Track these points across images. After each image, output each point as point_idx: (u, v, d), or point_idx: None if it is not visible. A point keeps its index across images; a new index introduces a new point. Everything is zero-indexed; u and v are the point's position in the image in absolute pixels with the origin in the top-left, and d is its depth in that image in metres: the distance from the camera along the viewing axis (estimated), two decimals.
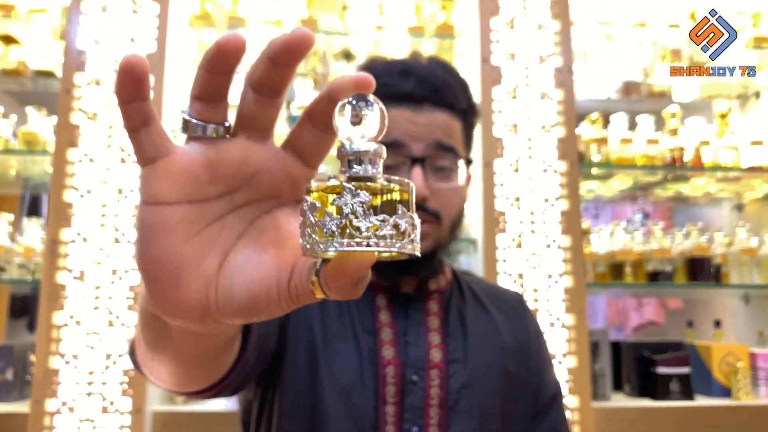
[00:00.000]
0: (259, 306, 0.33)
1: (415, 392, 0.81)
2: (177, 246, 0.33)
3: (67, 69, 1.82)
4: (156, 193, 0.32)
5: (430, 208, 0.82)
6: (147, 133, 0.32)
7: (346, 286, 0.30)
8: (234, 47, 0.32)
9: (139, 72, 0.31)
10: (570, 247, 1.86)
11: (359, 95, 0.31)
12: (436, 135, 0.82)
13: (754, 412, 1.86)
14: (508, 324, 0.92)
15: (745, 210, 2.62)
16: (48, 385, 1.66)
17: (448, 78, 0.85)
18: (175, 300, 0.33)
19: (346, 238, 0.28)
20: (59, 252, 1.72)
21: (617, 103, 2.58)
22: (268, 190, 0.36)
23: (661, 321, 3.46)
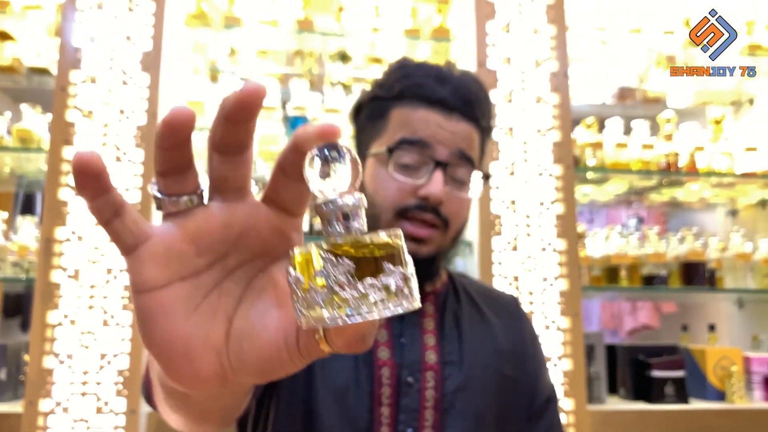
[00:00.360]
0: (272, 368, 0.33)
1: (410, 394, 0.81)
2: (180, 325, 0.32)
3: (63, 66, 1.82)
4: (145, 280, 0.32)
5: (443, 213, 0.82)
6: (121, 222, 0.31)
7: (351, 344, 0.30)
8: (182, 122, 0.30)
9: (95, 168, 0.30)
10: (565, 251, 1.86)
11: (329, 144, 0.30)
12: (461, 145, 0.83)
13: (749, 416, 1.87)
14: (503, 327, 0.92)
15: (739, 215, 2.64)
16: (42, 385, 1.65)
17: (480, 93, 0.86)
18: (191, 375, 0.33)
19: (335, 311, 0.27)
20: (54, 251, 1.71)
21: (612, 108, 2.59)
22: (257, 248, 0.35)
23: (655, 325, 3.46)
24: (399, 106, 0.84)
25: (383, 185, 0.82)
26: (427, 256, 0.83)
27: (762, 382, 2.00)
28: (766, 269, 2.18)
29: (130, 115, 1.81)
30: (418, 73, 0.84)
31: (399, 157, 0.82)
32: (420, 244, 0.81)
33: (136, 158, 1.79)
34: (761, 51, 2.30)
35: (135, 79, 1.83)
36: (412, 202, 0.81)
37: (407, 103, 0.83)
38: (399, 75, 0.85)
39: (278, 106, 2.13)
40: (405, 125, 0.82)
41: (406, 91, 0.83)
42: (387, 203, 0.82)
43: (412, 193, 0.81)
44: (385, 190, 0.82)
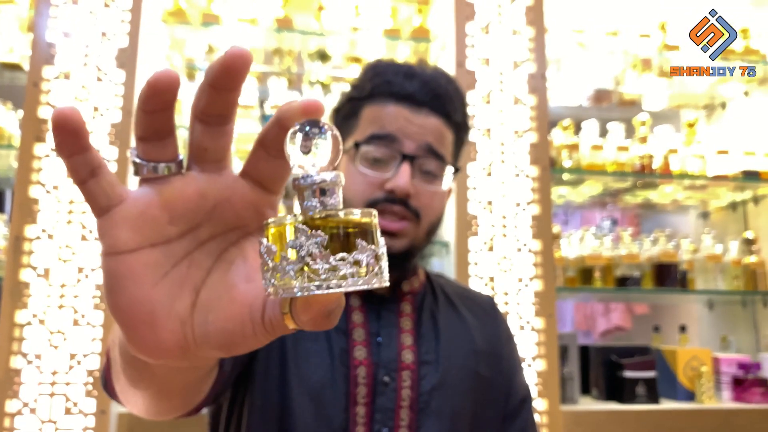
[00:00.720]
0: (235, 342, 0.33)
1: (386, 393, 0.81)
2: (146, 291, 0.32)
3: (35, 62, 1.78)
4: (115, 242, 0.32)
5: (412, 206, 0.82)
6: (96, 183, 0.31)
7: (318, 319, 0.30)
8: (166, 84, 0.31)
9: (73, 124, 0.29)
10: (540, 251, 1.88)
11: (311, 121, 0.30)
12: (429, 138, 0.83)
13: (717, 416, 1.90)
14: (479, 327, 0.92)
15: (711, 217, 2.68)
16: (9, 386, 1.62)
17: (449, 89, 0.87)
18: (153, 343, 0.32)
19: (306, 282, 0.28)
20: (23, 249, 1.68)
21: (588, 110, 2.62)
22: (231, 221, 0.35)
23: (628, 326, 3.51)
24: (370, 104, 0.85)
25: (352, 180, 0.84)
26: (402, 250, 0.83)
27: (730, 383, 2.04)
28: (735, 271, 2.22)
29: (105, 112, 1.78)
30: (388, 71, 0.86)
31: (367, 152, 0.83)
32: (393, 238, 0.82)
33: (110, 156, 1.76)
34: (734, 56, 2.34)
35: (110, 76, 1.80)
36: (380, 195, 0.82)
37: (377, 100, 0.85)
38: (371, 74, 0.87)
39: (256, 104, 2.11)
40: (374, 121, 0.84)
41: (376, 89, 0.85)
42: (356, 198, 0.83)
43: (380, 186, 0.82)
44: (354, 185, 0.83)
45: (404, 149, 0.82)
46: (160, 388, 0.46)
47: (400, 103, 0.84)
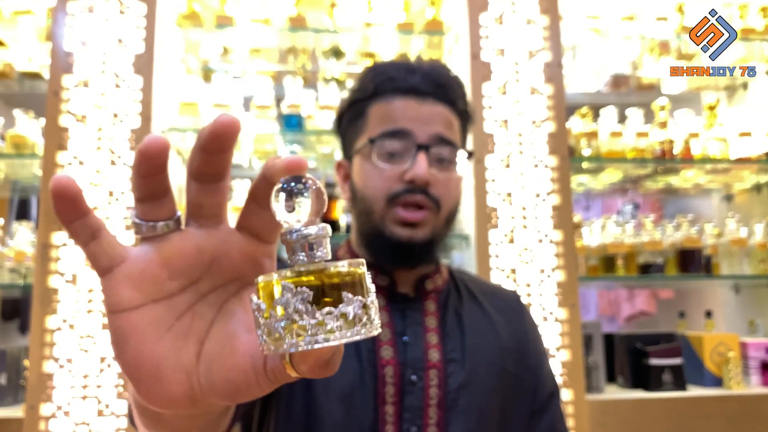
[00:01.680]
0: (240, 390, 0.34)
1: (414, 392, 0.81)
2: (151, 346, 0.33)
3: (55, 71, 1.81)
4: (119, 301, 0.33)
5: (432, 194, 0.83)
6: (97, 245, 0.33)
7: (315, 369, 0.31)
8: (156, 150, 0.32)
9: (72, 193, 0.31)
10: (562, 242, 1.87)
11: (294, 177, 0.31)
12: (438, 127, 0.85)
13: (746, 401, 1.88)
14: (505, 323, 0.92)
15: (734, 200, 2.64)
16: (42, 390, 1.65)
17: (450, 78, 0.89)
18: (160, 395, 0.34)
19: (294, 338, 0.28)
20: (51, 256, 1.71)
21: (607, 97, 2.59)
22: (230, 273, 0.36)
23: (652, 311, 3.48)
24: (376, 103, 0.87)
25: (370, 176, 0.85)
26: (424, 240, 0.84)
27: (759, 367, 2.01)
28: (761, 254, 2.19)
29: (124, 118, 1.80)
30: (388, 69, 0.88)
31: (382, 147, 0.84)
32: (414, 229, 0.83)
33: (130, 161, 1.78)
34: (755, 35, 2.29)
35: (128, 82, 1.82)
36: (400, 188, 0.83)
37: (383, 97, 0.86)
38: (371, 75, 0.89)
39: (272, 104, 2.12)
40: (384, 117, 0.86)
41: (380, 87, 0.87)
42: (377, 193, 0.84)
43: (399, 178, 0.83)
44: (372, 181, 0.84)
45: (418, 140, 0.84)
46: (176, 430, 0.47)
47: (405, 97, 0.86)
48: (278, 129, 2.13)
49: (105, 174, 1.77)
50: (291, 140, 2.22)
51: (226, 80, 2.13)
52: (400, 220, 0.82)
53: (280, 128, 2.12)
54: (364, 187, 0.85)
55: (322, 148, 2.26)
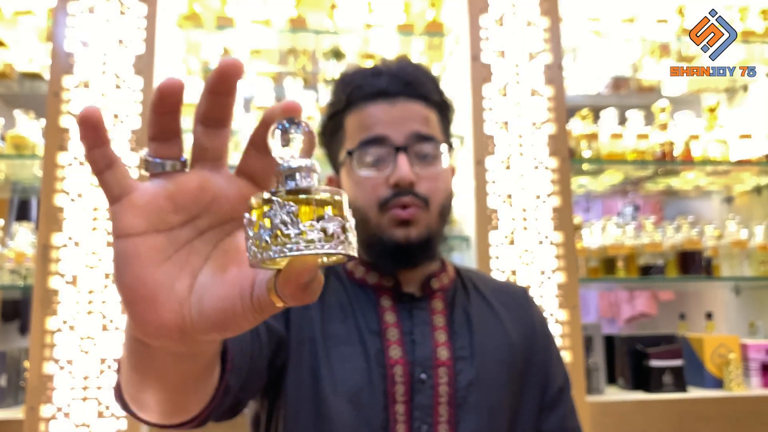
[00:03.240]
0: (228, 320, 0.36)
1: (423, 391, 0.82)
2: (150, 271, 0.36)
3: (55, 72, 1.81)
4: (125, 226, 0.36)
5: (420, 193, 0.84)
6: (112, 174, 0.36)
7: (296, 291, 0.33)
8: (172, 88, 0.35)
9: (95, 120, 0.34)
10: (562, 243, 1.87)
11: (289, 119, 0.34)
12: (414, 126, 0.86)
13: (747, 403, 1.88)
14: (513, 320, 0.92)
15: (735, 202, 2.64)
16: (43, 391, 1.65)
17: (418, 73, 0.89)
18: (153, 321, 0.36)
19: (278, 246, 0.31)
20: (51, 257, 1.71)
21: (607, 98, 2.59)
22: (227, 213, 0.39)
23: (653, 313, 3.48)
24: (350, 112, 0.88)
25: (357, 186, 0.86)
26: (420, 238, 0.85)
27: (759, 369, 2.01)
28: (762, 256, 2.19)
29: (125, 119, 1.80)
30: (355, 77, 0.89)
31: (362, 156, 0.85)
32: (408, 227, 0.84)
33: (131, 162, 1.78)
34: (755, 37, 2.30)
35: (128, 83, 1.82)
36: (388, 193, 0.83)
37: (355, 106, 0.87)
38: (342, 86, 0.90)
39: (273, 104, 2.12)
40: (359, 126, 0.86)
41: (351, 96, 0.88)
42: (367, 202, 0.85)
43: (385, 184, 0.84)
44: (361, 191, 0.85)
45: (395, 142, 0.84)
46: (160, 377, 0.48)
47: (376, 101, 0.86)
48: None
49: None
50: None
51: None
52: (395, 219, 0.83)
53: None
54: (355, 198, 0.86)
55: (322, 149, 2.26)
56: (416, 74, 0.89)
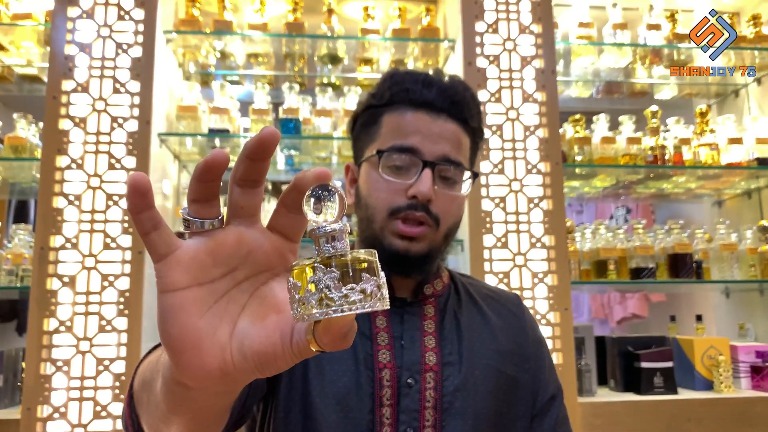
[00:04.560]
0: (268, 362, 0.39)
1: (410, 395, 0.83)
2: (194, 322, 0.39)
3: (54, 75, 1.82)
4: (171, 282, 0.39)
5: (433, 211, 0.85)
6: (158, 235, 0.39)
7: (335, 340, 0.37)
8: (219, 163, 0.38)
9: (143, 187, 0.37)
10: (554, 246, 1.90)
11: (322, 186, 0.38)
12: (446, 147, 0.87)
13: (736, 404, 1.91)
14: (504, 326, 0.93)
15: (725, 206, 2.68)
16: (39, 392, 1.67)
17: (466, 95, 0.90)
18: (198, 366, 0.39)
19: (323, 308, 0.35)
20: (48, 258, 1.73)
21: (599, 103, 2.62)
22: (262, 264, 0.43)
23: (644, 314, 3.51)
24: (389, 112, 0.88)
25: (376, 186, 0.86)
26: (421, 253, 0.86)
27: (749, 371, 2.04)
28: (751, 259, 2.23)
29: (122, 122, 1.82)
30: (406, 80, 0.89)
31: (389, 160, 0.86)
32: (412, 242, 0.85)
33: (128, 164, 1.80)
34: (745, 43, 2.33)
35: (126, 87, 1.84)
36: (403, 203, 0.84)
37: (396, 108, 0.88)
38: (389, 83, 0.90)
39: (269, 108, 2.14)
40: (395, 130, 0.87)
41: (395, 97, 0.88)
42: (380, 204, 0.86)
43: (403, 193, 0.85)
44: (377, 192, 0.86)
45: (424, 157, 0.85)
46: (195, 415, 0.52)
47: (418, 111, 0.87)
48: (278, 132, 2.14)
49: (103, 177, 1.79)
50: (288, 145, 2.24)
51: (225, 85, 2.15)
52: (399, 233, 0.84)
53: None
54: (368, 196, 0.88)
55: (319, 153, 2.28)
56: (464, 96, 0.89)
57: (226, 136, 2.09)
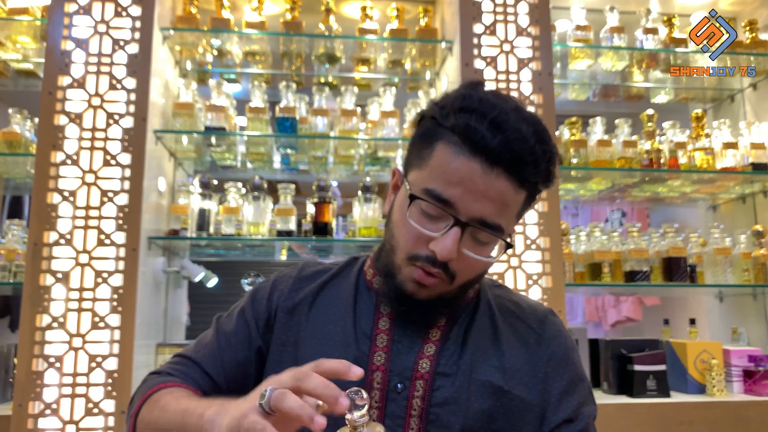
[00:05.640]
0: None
1: (397, 401, 0.82)
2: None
3: (50, 70, 1.82)
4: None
5: (451, 268, 0.80)
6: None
7: None
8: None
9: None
10: (548, 249, 1.90)
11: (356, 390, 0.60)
12: (487, 209, 0.78)
13: (728, 408, 1.92)
14: (518, 344, 0.89)
15: (720, 210, 2.69)
16: (31, 388, 1.66)
17: (537, 149, 0.78)
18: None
19: None
20: (42, 254, 1.72)
21: (595, 106, 2.63)
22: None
23: (638, 318, 3.52)
24: (445, 141, 0.79)
25: (402, 224, 0.82)
26: (428, 298, 0.83)
27: (741, 375, 2.05)
28: (745, 264, 2.23)
29: (118, 118, 1.82)
30: (476, 113, 0.77)
31: (421, 205, 0.79)
32: (421, 287, 0.81)
33: (124, 161, 1.80)
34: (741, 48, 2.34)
35: (123, 83, 1.84)
36: (423, 252, 0.79)
37: (454, 142, 0.78)
38: (459, 104, 0.79)
39: (266, 107, 2.14)
40: (441, 171, 0.78)
41: (457, 128, 0.77)
42: (401, 245, 0.82)
43: (425, 242, 0.79)
44: (401, 231, 0.82)
45: (459, 214, 0.77)
46: None
47: (473, 158, 0.76)
48: (271, 132, 2.15)
49: (98, 174, 1.78)
50: (284, 144, 2.24)
51: (221, 83, 2.15)
52: (413, 279, 0.81)
53: (274, 131, 2.14)
54: (395, 227, 0.84)
55: (315, 152, 2.28)
56: (532, 151, 0.77)
57: (223, 134, 2.09)
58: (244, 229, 2.06)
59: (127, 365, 1.69)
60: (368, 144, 2.24)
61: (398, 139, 2.16)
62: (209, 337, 0.91)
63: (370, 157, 2.30)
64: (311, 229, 2.08)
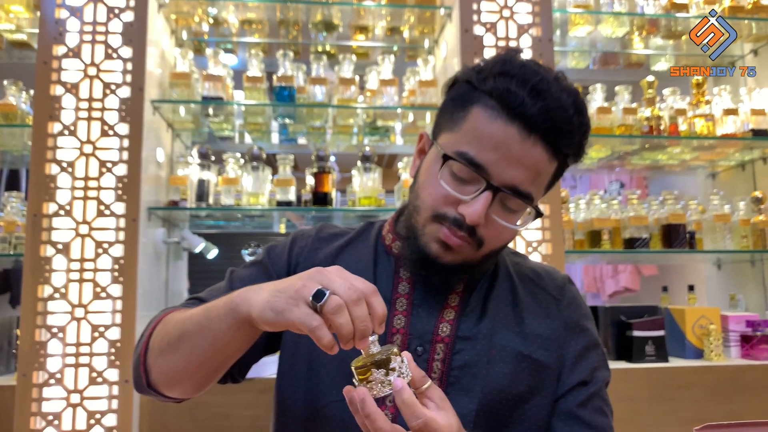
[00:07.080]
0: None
1: (417, 363, 0.80)
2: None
3: (44, 40, 1.80)
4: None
5: (478, 234, 0.79)
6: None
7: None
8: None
9: None
10: (548, 216, 1.90)
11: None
12: (520, 177, 0.77)
13: (725, 372, 1.94)
14: (537, 310, 0.89)
15: (719, 178, 2.69)
16: (35, 358, 1.67)
17: (575, 120, 0.77)
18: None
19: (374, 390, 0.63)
20: (42, 225, 1.72)
21: (595, 74, 2.61)
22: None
23: (636, 288, 3.54)
24: (482, 104, 0.77)
25: (430, 183, 0.80)
26: (452, 263, 0.81)
27: (738, 340, 2.07)
28: (744, 230, 2.24)
29: (115, 88, 1.80)
30: (515, 78, 0.75)
31: (453, 166, 0.78)
32: (447, 250, 0.80)
33: (121, 131, 1.79)
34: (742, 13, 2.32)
35: (119, 52, 1.82)
36: (450, 213, 0.78)
37: (491, 106, 0.76)
38: (498, 69, 0.77)
39: (263, 76, 2.12)
40: (476, 134, 0.77)
41: (495, 92, 0.76)
42: (428, 203, 0.80)
43: (454, 204, 0.78)
44: (430, 189, 0.80)
45: (491, 179, 0.76)
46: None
47: (510, 123, 0.75)
48: (269, 102, 2.13)
49: (96, 144, 1.77)
50: (283, 113, 2.22)
51: (218, 52, 2.13)
52: (438, 239, 0.79)
53: (272, 101, 2.12)
54: (422, 187, 0.82)
55: (313, 121, 2.27)
56: (570, 121, 0.76)
57: (220, 104, 2.07)
58: (243, 199, 2.05)
59: (130, 335, 1.70)
60: (367, 113, 2.22)
61: (397, 107, 2.14)
62: (222, 283, 0.91)
63: (369, 127, 2.29)
64: (311, 199, 2.07)
